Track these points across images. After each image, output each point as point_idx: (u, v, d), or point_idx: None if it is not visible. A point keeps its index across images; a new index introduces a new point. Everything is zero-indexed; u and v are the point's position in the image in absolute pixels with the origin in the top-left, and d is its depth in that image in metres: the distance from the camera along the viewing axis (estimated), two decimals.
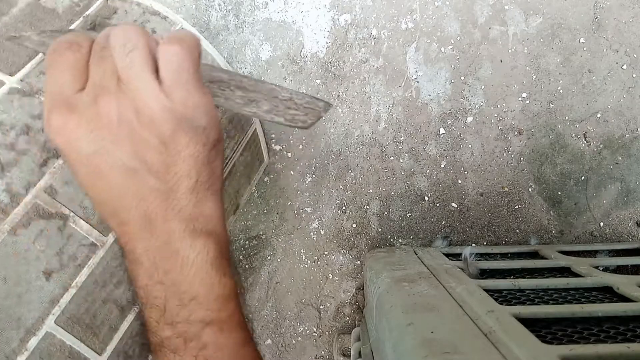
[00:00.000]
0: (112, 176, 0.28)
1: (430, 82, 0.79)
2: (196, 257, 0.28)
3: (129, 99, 0.27)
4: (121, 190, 0.28)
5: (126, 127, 0.27)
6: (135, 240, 0.29)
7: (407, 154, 0.80)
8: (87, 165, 0.28)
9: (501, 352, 0.39)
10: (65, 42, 0.29)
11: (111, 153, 0.28)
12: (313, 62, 0.79)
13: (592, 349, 0.39)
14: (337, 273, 0.82)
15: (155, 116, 0.27)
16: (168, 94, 0.27)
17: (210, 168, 0.30)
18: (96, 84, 0.28)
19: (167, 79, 0.27)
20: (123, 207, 0.29)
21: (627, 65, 0.78)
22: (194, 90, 0.28)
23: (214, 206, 0.30)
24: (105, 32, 0.29)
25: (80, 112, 0.27)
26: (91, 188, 0.29)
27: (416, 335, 0.44)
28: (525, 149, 0.80)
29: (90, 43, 0.29)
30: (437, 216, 0.81)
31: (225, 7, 0.78)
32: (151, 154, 0.28)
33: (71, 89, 0.28)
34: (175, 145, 0.28)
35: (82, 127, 0.27)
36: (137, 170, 0.28)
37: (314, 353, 0.83)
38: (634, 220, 0.81)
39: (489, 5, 0.77)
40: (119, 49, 0.27)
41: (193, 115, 0.28)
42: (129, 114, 0.27)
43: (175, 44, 0.28)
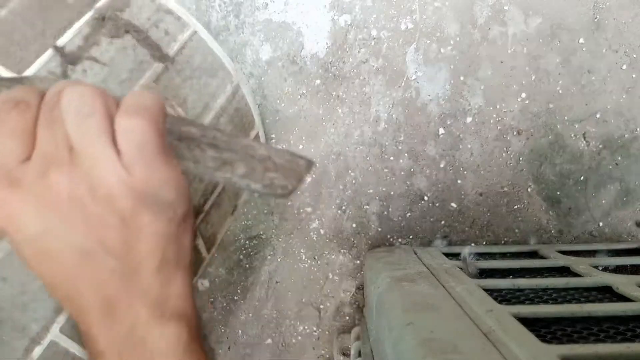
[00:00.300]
0: (64, 259, 0.25)
1: (430, 82, 0.79)
2: (167, 346, 0.26)
3: (82, 173, 0.24)
4: (75, 274, 0.25)
5: (79, 205, 0.24)
6: (96, 329, 0.25)
7: (406, 154, 0.80)
8: (34, 247, 0.25)
9: (501, 352, 0.39)
10: (11, 101, 0.25)
11: (61, 234, 0.24)
12: (313, 62, 0.79)
13: (592, 348, 0.39)
14: (337, 273, 0.83)
15: (113, 192, 0.24)
16: (128, 168, 0.24)
17: (178, 244, 0.27)
18: (45, 153, 0.24)
19: (127, 153, 0.24)
20: (79, 293, 0.25)
21: (626, 65, 0.78)
22: (159, 164, 0.25)
23: (181, 284, 0.27)
24: (56, 87, 0.26)
25: (26, 187, 0.24)
26: (40, 270, 0.26)
27: (416, 335, 0.44)
28: (525, 149, 0.80)
29: (40, 100, 0.25)
30: (436, 216, 0.81)
31: (225, 7, 0.78)
32: (109, 233, 0.25)
33: (15, 158, 0.24)
34: (136, 223, 0.25)
35: (28, 204, 0.24)
36: (93, 251, 0.25)
37: (314, 353, 0.83)
38: (634, 220, 0.81)
39: (489, 5, 0.78)
40: (73, 114, 0.24)
41: (157, 191, 0.25)
42: (82, 189, 0.24)
43: (135, 116, 0.24)
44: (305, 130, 0.80)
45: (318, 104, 0.80)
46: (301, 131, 0.80)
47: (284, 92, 0.80)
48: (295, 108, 0.80)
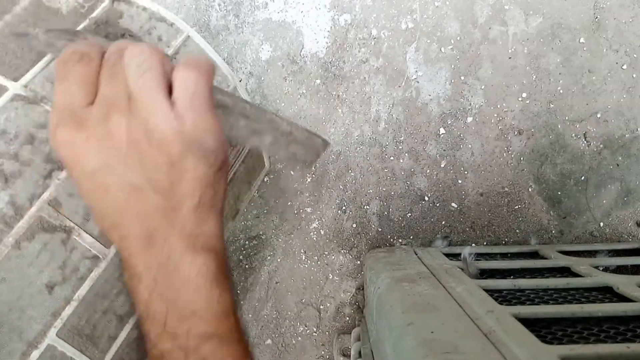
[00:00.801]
0: (117, 192, 0.28)
1: (430, 82, 0.79)
2: (197, 274, 0.29)
3: (139, 119, 0.27)
4: (124, 206, 0.28)
5: (135, 146, 0.27)
6: (136, 255, 0.29)
7: (407, 154, 0.80)
8: (92, 180, 0.28)
9: (501, 352, 0.39)
10: (77, 54, 0.28)
11: (118, 170, 0.27)
12: (313, 62, 0.79)
13: (592, 349, 0.39)
14: (337, 273, 0.82)
15: (165, 138, 0.27)
16: (180, 117, 0.27)
17: (214, 189, 0.30)
18: (107, 100, 0.28)
19: (181, 102, 0.27)
20: (125, 223, 0.29)
21: (627, 65, 0.78)
22: (206, 115, 0.28)
23: (214, 225, 0.30)
24: (117, 46, 0.29)
25: (90, 127, 0.27)
26: (94, 202, 0.29)
27: (416, 335, 0.44)
28: (525, 149, 0.80)
29: (101, 55, 0.29)
30: (437, 216, 0.81)
31: (225, 7, 0.78)
32: (158, 173, 0.28)
33: (81, 102, 0.28)
34: (182, 166, 0.28)
35: (91, 143, 0.27)
36: (142, 188, 0.28)
37: (314, 353, 0.83)
38: (634, 220, 0.81)
39: (489, 5, 0.77)
40: (134, 68, 0.27)
41: (202, 139, 0.28)
42: (139, 133, 0.27)
43: (192, 69, 0.28)
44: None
45: (318, 103, 0.80)
46: None
47: (284, 91, 0.79)
48: (295, 108, 0.80)
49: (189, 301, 0.28)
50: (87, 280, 0.43)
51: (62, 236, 0.41)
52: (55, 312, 0.40)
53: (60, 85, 0.28)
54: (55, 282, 0.41)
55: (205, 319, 0.29)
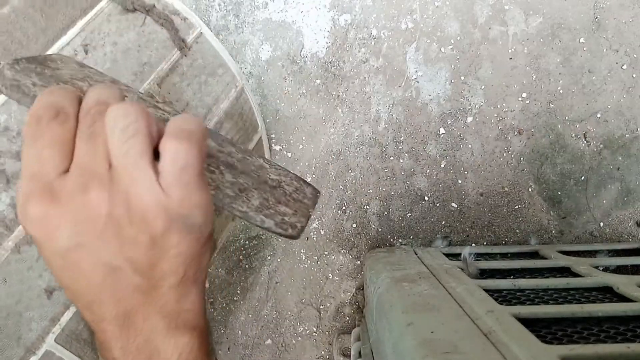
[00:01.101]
0: (92, 272, 0.26)
1: (430, 82, 0.79)
2: (179, 356, 0.27)
3: (121, 192, 0.24)
4: (100, 286, 0.26)
5: (114, 223, 0.25)
6: (113, 338, 0.26)
7: (407, 154, 0.80)
8: (64, 259, 0.25)
9: (501, 352, 0.39)
10: (51, 109, 0.25)
11: (93, 249, 0.25)
12: (313, 62, 0.79)
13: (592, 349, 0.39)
14: (337, 273, 0.82)
15: (148, 212, 0.24)
16: (166, 190, 0.25)
17: (198, 263, 0.28)
18: (84, 167, 0.25)
19: (168, 175, 0.25)
20: (100, 303, 0.26)
21: (627, 65, 0.78)
22: (196, 188, 0.26)
23: (197, 299, 0.28)
24: (97, 98, 0.26)
25: (64, 201, 0.24)
26: (67, 281, 0.27)
27: (416, 335, 0.44)
28: (525, 149, 0.80)
29: (78, 106, 0.26)
30: (437, 216, 0.81)
31: (225, 7, 0.78)
32: (138, 252, 0.25)
33: (55, 170, 0.25)
34: (165, 243, 0.25)
35: (65, 218, 0.24)
36: (121, 268, 0.26)
37: (314, 353, 0.83)
38: (634, 220, 0.81)
39: (489, 5, 0.77)
40: (117, 132, 0.24)
41: (189, 213, 0.26)
42: (120, 208, 0.24)
43: (183, 140, 0.25)
44: (305, 130, 0.80)
45: (318, 103, 0.80)
46: (301, 131, 0.80)
47: (284, 91, 0.79)
48: (295, 108, 0.80)
49: None
50: None
51: None
52: (54, 317, 0.40)
53: (31, 149, 0.25)
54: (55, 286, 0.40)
55: None
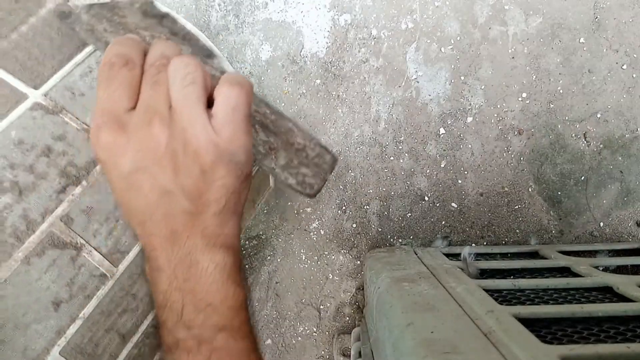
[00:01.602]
0: (149, 194, 0.30)
1: (430, 82, 0.79)
2: (214, 269, 0.31)
3: (179, 128, 0.29)
4: (154, 207, 0.30)
5: (172, 153, 0.29)
6: (159, 250, 0.31)
7: (407, 154, 0.80)
8: (127, 180, 0.30)
9: (501, 352, 0.39)
10: (122, 57, 0.30)
11: (152, 174, 0.29)
12: (313, 62, 0.79)
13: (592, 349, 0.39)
14: (337, 273, 0.82)
15: (201, 148, 0.29)
16: (217, 130, 0.29)
17: (238, 196, 0.32)
18: (149, 106, 0.29)
19: (220, 116, 0.29)
20: (153, 221, 0.30)
21: (627, 65, 0.78)
22: (242, 130, 0.30)
23: (233, 226, 0.33)
24: (160, 51, 0.31)
25: (131, 132, 0.29)
26: (126, 200, 0.31)
27: (416, 335, 0.44)
28: (525, 149, 0.80)
29: (143, 57, 0.31)
30: (437, 216, 0.81)
31: (225, 7, 0.78)
32: (189, 180, 0.29)
33: (123, 107, 0.30)
34: (212, 175, 0.30)
35: (130, 146, 0.29)
36: (173, 192, 0.30)
37: (314, 353, 0.83)
38: (634, 220, 0.81)
39: (489, 5, 0.77)
40: (179, 80, 0.29)
41: (235, 152, 0.30)
42: (177, 141, 0.29)
43: (235, 85, 0.30)
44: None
45: (318, 103, 0.80)
46: None
47: (284, 91, 0.79)
48: (295, 108, 0.80)
49: (205, 293, 0.30)
50: (94, 298, 0.42)
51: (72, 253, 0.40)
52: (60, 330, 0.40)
53: (106, 89, 0.30)
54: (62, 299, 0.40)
55: (219, 311, 0.30)
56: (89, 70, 0.45)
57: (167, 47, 0.32)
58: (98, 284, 0.42)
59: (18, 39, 0.41)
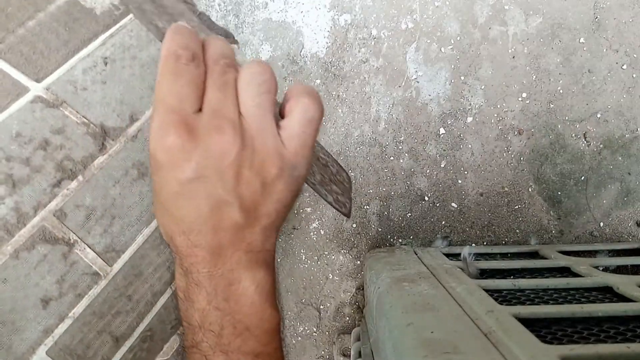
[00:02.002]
0: (204, 203, 0.28)
1: (430, 82, 0.79)
2: (255, 289, 0.30)
3: (249, 137, 0.27)
4: (206, 217, 0.28)
5: (238, 163, 0.27)
6: (202, 264, 0.29)
7: (407, 154, 0.80)
8: (183, 186, 0.28)
9: (501, 352, 0.39)
10: (189, 51, 0.28)
11: (213, 183, 0.27)
12: (313, 62, 0.79)
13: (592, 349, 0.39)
14: (337, 273, 0.82)
15: (268, 159, 0.28)
16: (285, 141, 0.28)
17: (286, 212, 0.31)
18: (217, 110, 0.27)
19: (294, 129, 0.28)
20: (200, 232, 0.29)
21: (627, 65, 0.78)
22: (308, 144, 0.29)
23: (273, 242, 0.32)
24: (218, 49, 0.29)
25: (201, 137, 0.27)
26: (175, 207, 0.29)
27: (416, 335, 0.44)
28: (525, 149, 0.80)
29: (202, 52, 0.29)
30: (437, 216, 0.81)
31: (225, 7, 0.78)
32: (249, 192, 0.28)
33: (191, 107, 0.27)
34: (272, 188, 0.29)
35: (197, 152, 0.27)
36: (230, 204, 0.28)
37: (314, 353, 0.83)
38: (634, 220, 0.81)
39: (489, 5, 0.77)
40: (255, 87, 0.28)
41: (297, 166, 0.29)
42: (247, 152, 0.27)
43: (314, 99, 0.29)
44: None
45: None
46: None
47: (284, 91, 0.79)
48: None
49: (244, 315, 0.29)
50: (85, 297, 0.41)
51: (64, 249, 0.40)
52: (47, 329, 0.39)
53: (173, 84, 0.27)
54: (51, 296, 0.40)
55: (256, 336, 0.29)
56: (93, 65, 0.45)
57: (225, 46, 0.30)
58: (90, 283, 0.42)
59: (24, 34, 0.41)
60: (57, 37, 0.43)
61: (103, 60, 0.46)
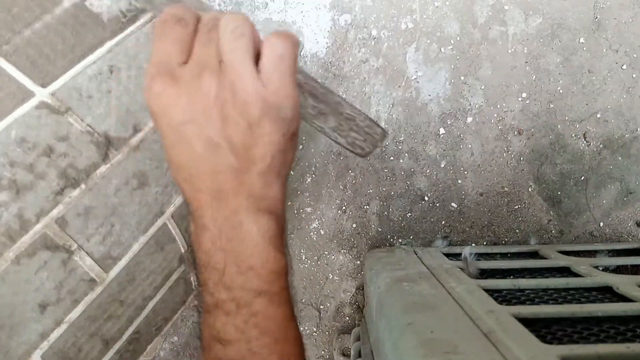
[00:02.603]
0: (197, 146, 0.30)
1: (430, 82, 0.79)
2: (257, 232, 0.31)
3: (228, 80, 0.29)
4: (202, 160, 0.30)
5: (220, 105, 0.29)
6: (205, 207, 0.31)
7: (407, 154, 0.80)
8: (176, 132, 0.30)
9: (501, 352, 0.39)
10: (176, 16, 0.31)
11: (201, 125, 0.30)
12: (313, 62, 0.79)
13: (592, 349, 0.39)
14: (337, 273, 0.82)
15: (248, 100, 0.29)
16: (264, 82, 0.29)
17: (283, 156, 0.32)
18: (200, 61, 0.30)
19: (267, 68, 0.29)
20: (200, 176, 0.31)
21: (627, 65, 0.78)
22: (288, 82, 0.30)
23: (278, 190, 0.33)
24: (212, 15, 0.32)
25: (182, 83, 0.29)
26: (174, 154, 0.31)
27: (416, 335, 0.44)
28: (525, 149, 0.80)
29: (196, 21, 0.32)
30: (437, 216, 0.81)
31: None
32: (236, 133, 0.29)
33: (176, 60, 0.30)
34: (259, 129, 0.30)
35: (181, 97, 0.29)
36: (220, 145, 0.30)
37: (314, 353, 0.83)
38: (634, 220, 0.81)
39: (489, 5, 0.77)
40: (228, 34, 0.29)
41: (281, 105, 0.30)
42: (225, 93, 0.29)
43: (282, 38, 0.30)
44: (306, 129, 0.80)
45: None
46: (301, 131, 0.80)
47: None
48: None
49: (248, 255, 0.31)
50: (81, 303, 0.41)
51: (63, 256, 0.40)
52: (43, 333, 0.39)
53: (159, 43, 0.30)
54: (49, 302, 0.39)
55: (259, 275, 0.31)
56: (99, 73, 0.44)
57: (219, 13, 0.32)
58: (87, 289, 0.41)
59: (31, 36, 0.40)
60: (64, 42, 0.43)
61: (109, 68, 0.46)
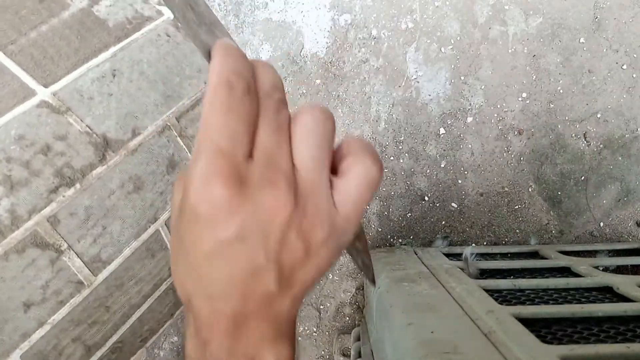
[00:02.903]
0: (238, 267, 0.23)
1: (430, 82, 0.79)
2: None
3: (302, 196, 0.23)
4: (238, 283, 0.24)
5: (286, 225, 0.23)
6: (223, 336, 0.25)
7: (407, 154, 0.80)
8: (219, 247, 0.23)
9: (501, 352, 0.39)
10: (242, 81, 0.23)
11: (254, 246, 0.23)
12: (313, 62, 0.79)
13: (592, 349, 0.39)
14: (337, 273, 0.82)
15: (317, 223, 0.24)
16: (338, 203, 0.24)
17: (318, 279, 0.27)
18: (270, 159, 0.23)
19: (349, 191, 0.24)
20: (228, 299, 0.24)
21: (627, 65, 0.78)
22: (361, 211, 0.25)
23: (298, 310, 0.27)
24: (269, 79, 0.25)
25: (249, 190, 0.22)
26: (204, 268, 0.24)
27: (416, 335, 0.44)
28: (525, 149, 0.80)
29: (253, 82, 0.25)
30: (437, 216, 0.81)
31: (225, 7, 0.78)
32: (291, 258, 0.24)
33: (243, 151, 0.23)
34: (315, 254, 0.25)
35: (245, 209, 0.22)
36: (268, 270, 0.24)
37: (314, 353, 0.83)
38: (634, 220, 0.81)
39: (489, 5, 0.77)
40: (315, 137, 0.24)
41: (345, 233, 0.25)
42: (299, 213, 0.23)
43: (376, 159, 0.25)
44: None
45: None
46: None
47: None
48: (295, 108, 0.80)
49: None
50: (67, 305, 0.41)
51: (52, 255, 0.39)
52: (25, 333, 0.38)
53: (226, 121, 0.22)
54: (34, 301, 0.39)
55: None
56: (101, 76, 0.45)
57: (277, 75, 0.25)
58: (73, 291, 0.41)
59: (37, 38, 0.41)
60: (68, 45, 0.43)
61: (111, 72, 0.46)
